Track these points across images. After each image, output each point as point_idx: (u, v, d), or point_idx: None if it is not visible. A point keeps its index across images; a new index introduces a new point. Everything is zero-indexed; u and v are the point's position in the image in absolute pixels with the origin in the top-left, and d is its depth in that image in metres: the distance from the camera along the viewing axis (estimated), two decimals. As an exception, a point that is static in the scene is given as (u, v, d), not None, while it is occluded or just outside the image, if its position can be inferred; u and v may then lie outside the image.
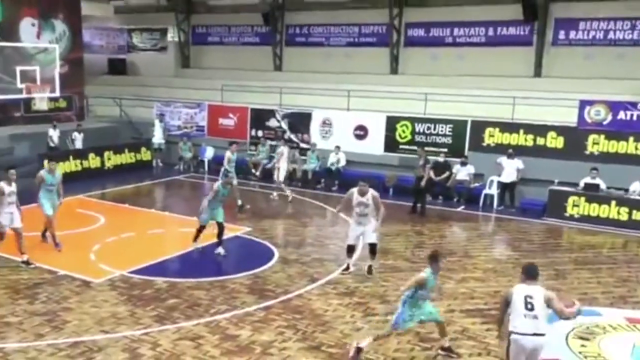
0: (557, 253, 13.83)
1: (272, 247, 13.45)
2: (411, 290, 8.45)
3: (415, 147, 18.99)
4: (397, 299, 10.53)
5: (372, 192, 11.63)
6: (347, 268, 11.99)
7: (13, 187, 11.76)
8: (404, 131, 19.99)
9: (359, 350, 8.48)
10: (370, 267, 11.89)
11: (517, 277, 11.77)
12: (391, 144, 20.12)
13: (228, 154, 17.48)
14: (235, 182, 15.96)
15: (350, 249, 12.05)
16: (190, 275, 11.48)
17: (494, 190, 18.01)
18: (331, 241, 14.16)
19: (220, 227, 12.83)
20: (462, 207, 17.93)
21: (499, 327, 7.50)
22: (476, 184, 18.35)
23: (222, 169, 16.70)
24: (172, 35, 29.02)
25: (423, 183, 16.83)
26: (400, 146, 19.96)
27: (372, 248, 11.88)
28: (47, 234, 12.92)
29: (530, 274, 7.25)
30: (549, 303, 6.97)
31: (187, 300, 10.34)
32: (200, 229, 12.92)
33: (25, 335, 8.94)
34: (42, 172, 12.75)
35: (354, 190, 11.71)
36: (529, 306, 6.95)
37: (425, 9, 22.92)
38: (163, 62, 28.81)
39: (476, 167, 18.33)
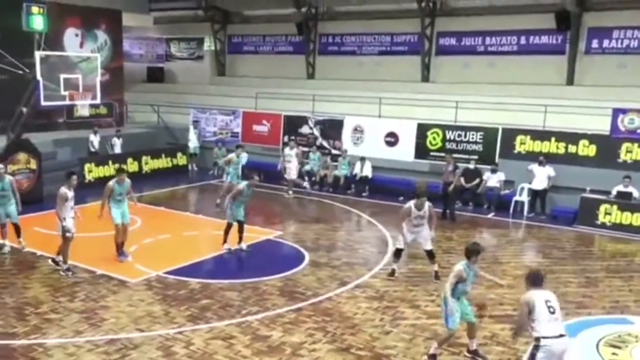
0: (589, 261, 13.57)
1: (303, 251, 13.47)
2: (452, 285, 8.43)
3: (445, 155, 18.88)
4: (427, 303, 10.54)
5: (428, 204, 11.76)
6: (393, 273, 11.94)
7: (72, 193, 11.80)
8: (434, 138, 19.88)
9: (433, 357, 8.49)
10: (436, 272, 11.85)
11: (546, 282, 11.64)
12: (422, 150, 20.02)
13: (232, 155, 17.71)
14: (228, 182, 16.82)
15: (399, 253, 12.04)
16: (222, 277, 11.57)
17: (524, 197, 17.78)
18: (361, 246, 14.13)
19: (241, 225, 13.15)
20: (492, 213, 17.72)
21: (519, 332, 7.43)
22: (506, 191, 18.13)
23: (218, 167, 16.83)
24: (208, 45, 29.39)
25: (451, 189, 16.68)
26: (431, 153, 19.86)
27: (430, 254, 11.94)
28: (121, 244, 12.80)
29: (538, 281, 7.25)
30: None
31: (220, 301, 10.41)
32: (227, 230, 13.12)
33: (65, 332, 9.10)
34: (112, 183, 12.41)
35: (412, 203, 11.73)
36: (551, 310, 6.99)
37: (456, 18, 22.83)
38: (199, 70, 29.22)
39: (507, 174, 18.11)
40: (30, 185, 16.89)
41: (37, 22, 17.25)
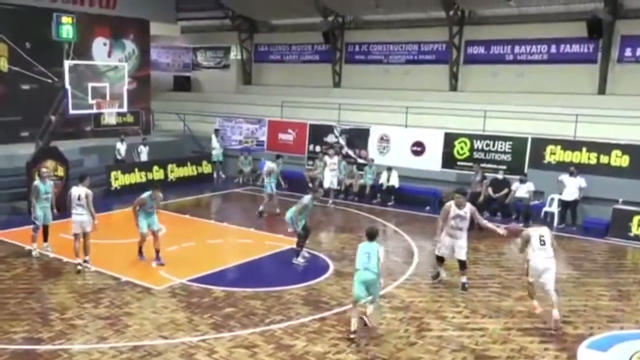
0: (621, 274, 13.32)
1: (328, 260, 13.45)
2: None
3: (473, 164, 18.78)
4: (453, 315, 10.41)
5: (469, 205, 11.58)
6: (438, 275, 12.05)
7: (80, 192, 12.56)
8: (462, 148, 19.75)
9: None
10: (463, 284, 11.75)
11: (577, 295, 11.53)
12: (449, 160, 19.90)
13: (273, 165, 17.97)
14: (272, 192, 17.57)
15: (441, 259, 11.99)
16: (246, 285, 11.58)
17: (554, 208, 17.53)
18: (386, 255, 13.95)
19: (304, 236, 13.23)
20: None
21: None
22: (536, 202, 17.90)
23: (262, 178, 17.59)
24: (235, 54, 29.66)
25: (480, 199, 16.51)
26: (458, 163, 19.73)
27: (462, 264, 11.79)
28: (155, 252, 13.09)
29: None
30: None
31: (243, 310, 10.42)
32: (300, 242, 13.16)
33: (89, 338, 9.19)
34: (145, 196, 12.81)
35: (452, 202, 11.59)
36: (542, 242, 10.17)
37: (485, 27, 22.75)
38: (225, 79, 29.47)
39: (536, 185, 17.87)
40: (58, 192, 17.01)
41: (67, 31, 17.51)
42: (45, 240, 13.49)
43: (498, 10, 22.40)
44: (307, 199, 13.19)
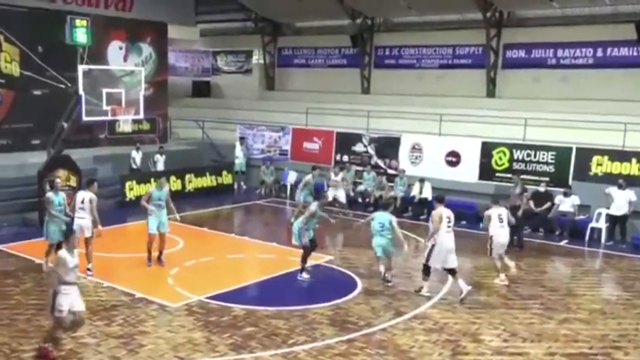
0: (676, 295, 13.03)
1: (355, 277, 13.36)
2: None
3: (512, 176, 18.60)
4: (491, 337, 10.26)
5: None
6: (421, 289, 12.42)
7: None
8: (500, 158, 19.58)
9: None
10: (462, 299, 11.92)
11: (628, 318, 11.29)
12: (486, 171, 19.75)
13: (309, 177, 17.87)
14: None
15: (428, 271, 12.37)
16: (268, 304, 11.54)
17: (602, 224, 17.25)
18: (419, 273, 13.84)
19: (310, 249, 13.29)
20: (565, 241, 17.25)
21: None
22: (581, 216, 17.65)
23: (299, 191, 17.61)
24: (257, 58, 29.87)
25: (519, 213, 16.31)
26: (497, 174, 19.57)
27: (454, 272, 12.21)
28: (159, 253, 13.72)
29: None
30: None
31: (265, 329, 10.37)
32: (305, 256, 13.16)
33: (102, 357, 9.22)
34: (151, 190, 14.14)
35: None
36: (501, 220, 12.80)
37: (525, 29, 22.65)
38: (247, 84, 29.66)
39: (581, 198, 17.61)
40: (70, 203, 17.26)
41: (81, 35, 17.77)
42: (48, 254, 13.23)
43: (539, 12, 22.26)
44: (314, 205, 13.22)
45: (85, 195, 12.86)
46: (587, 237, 17.33)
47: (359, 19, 25.68)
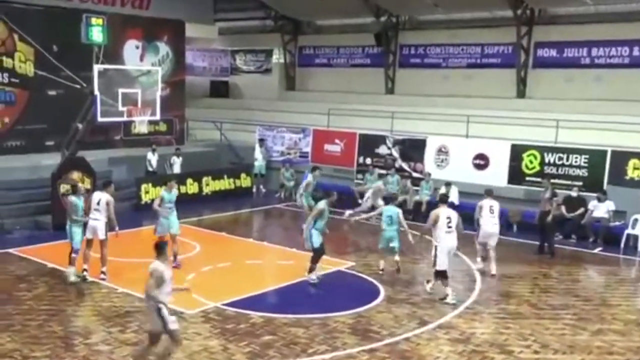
0: None
1: (378, 284, 13.31)
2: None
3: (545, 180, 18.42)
4: (520, 349, 10.15)
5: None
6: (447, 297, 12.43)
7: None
8: (531, 161, 19.43)
9: None
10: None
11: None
12: (516, 175, 19.61)
13: (310, 178, 17.85)
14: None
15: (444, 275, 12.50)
16: (288, 311, 11.54)
17: (638, 230, 17.03)
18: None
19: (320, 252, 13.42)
20: (600, 248, 17.05)
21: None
22: (616, 223, 17.44)
23: (299, 193, 17.72)
24: (277, 57, 29.94)
25: (549, 219, 16.13)
26: (527, 178, 19.42)
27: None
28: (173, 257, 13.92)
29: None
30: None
31: (284, 338, 10.36)
32: (316, 258, 13.27)
33: (115, 365, 9.26)
34: (161, 193, 14.26)
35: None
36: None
37: (557, 27, 22.47)
38: (267, 84, 29.71)
39: (617, 204, 17.44)
40: (84, 206, 17.38)
41: (97, 34, 17.90)
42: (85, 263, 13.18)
43: (572, 9, 22.06)
44: (322, 203, 13.44)
45: (101, 197, 13.07)
46: (622, 245, 17.12)
47: (383, 17, 25.63)
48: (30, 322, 10.77)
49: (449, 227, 12.38)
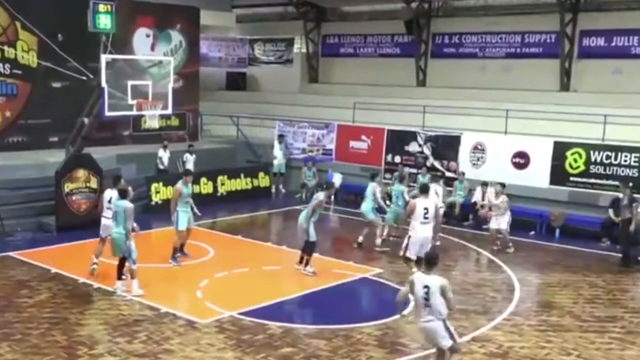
0: None
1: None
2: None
3: (590, 180, 18.59)
4: (564, 364, 10.05)
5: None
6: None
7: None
8: (575, 160, 19.26)
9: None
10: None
11: None
12: (559, 175, 19.44)
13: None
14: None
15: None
16: (309, 321, 11.63)
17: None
18: (480, 290, 13.76)
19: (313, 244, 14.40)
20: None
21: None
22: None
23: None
24: (299, 47, 30.02)
25: (632, 228, 15.92)
26: (571, 178, 19.25)
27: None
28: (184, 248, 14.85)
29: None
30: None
31: (304, 350, 10.36)
32: (310, 251, 14.15)
33: (121, 377, 9.33)
34: (179, 185, 14.76)
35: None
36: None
37: (605, 13, 22.38)
38: (287, 76, 29.82)
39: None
40: (90, 206, 17.57)
41: (105, 21, 18.06)
42: (120, 276, 12.82)
43: (621, -6, 21.91)
44: (322, 194, 14.66)
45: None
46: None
47: (415, 3, 25.57)
48: (32, 330, 10.85)
49: (426, 217, 13.45)
